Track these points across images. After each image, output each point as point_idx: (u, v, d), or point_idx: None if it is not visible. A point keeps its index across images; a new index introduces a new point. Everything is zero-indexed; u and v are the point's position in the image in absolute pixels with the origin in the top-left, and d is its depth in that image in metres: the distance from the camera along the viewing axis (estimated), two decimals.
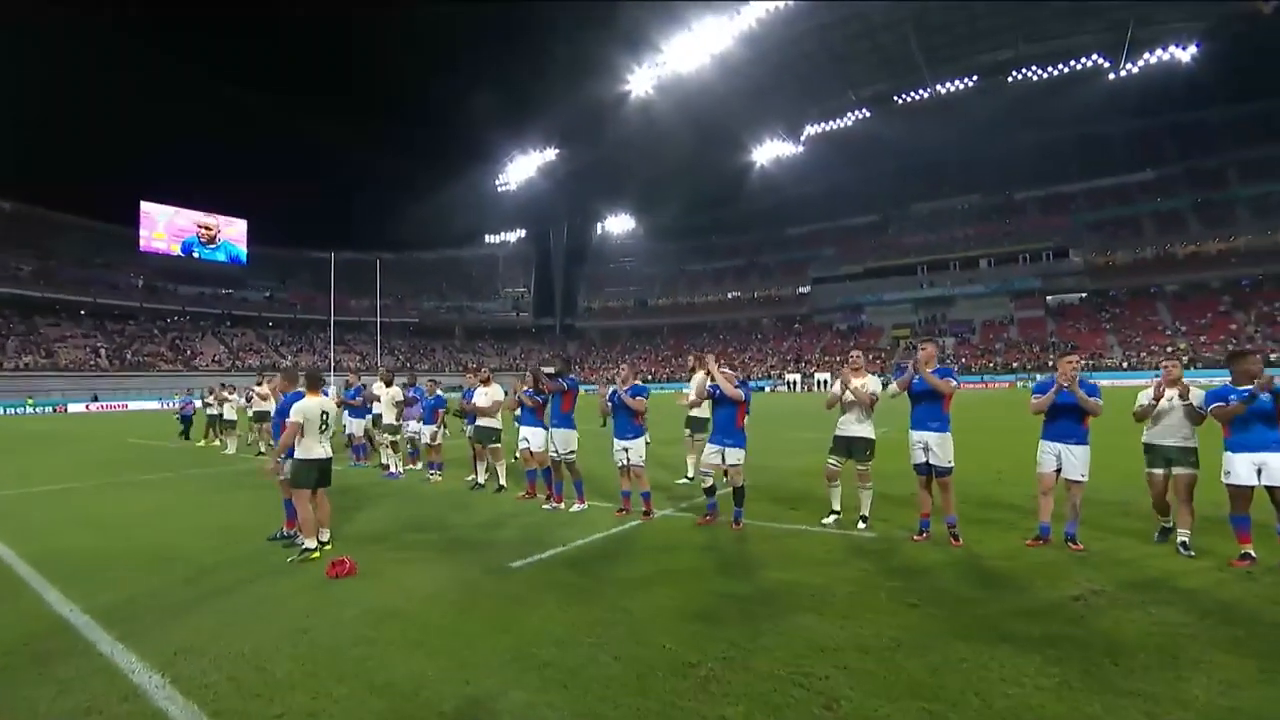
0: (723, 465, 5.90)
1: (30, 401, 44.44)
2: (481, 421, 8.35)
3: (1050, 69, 56.00)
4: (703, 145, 65.42)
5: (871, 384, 5.86)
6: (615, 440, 6.46)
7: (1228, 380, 4.88)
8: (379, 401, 10.37)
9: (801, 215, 77.13)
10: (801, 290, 75.13)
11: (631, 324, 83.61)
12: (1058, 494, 5.18)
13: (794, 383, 59.30)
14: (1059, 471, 5.12)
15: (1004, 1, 46.78)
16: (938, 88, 58.45)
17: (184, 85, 68.22)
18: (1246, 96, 56.41)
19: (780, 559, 5.03)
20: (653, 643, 3.43)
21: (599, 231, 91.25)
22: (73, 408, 46.03)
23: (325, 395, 5.86)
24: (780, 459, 10.87)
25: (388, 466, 9.96)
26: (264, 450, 12.61)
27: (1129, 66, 53.70)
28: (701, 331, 77.57)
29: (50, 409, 44.59)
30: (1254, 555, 4.53)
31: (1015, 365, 52.51)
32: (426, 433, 9.36)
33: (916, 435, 5.39)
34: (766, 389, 56.24)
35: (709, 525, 6.04)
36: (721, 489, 6.23)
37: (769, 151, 70.22)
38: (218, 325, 66.99)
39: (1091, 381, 5.19)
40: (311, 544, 5.32)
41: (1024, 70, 56.62)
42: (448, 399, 10.08)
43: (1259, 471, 4.53)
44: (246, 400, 14.01)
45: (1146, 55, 52.52)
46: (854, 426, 5.82)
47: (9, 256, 55.79)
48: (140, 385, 52.04)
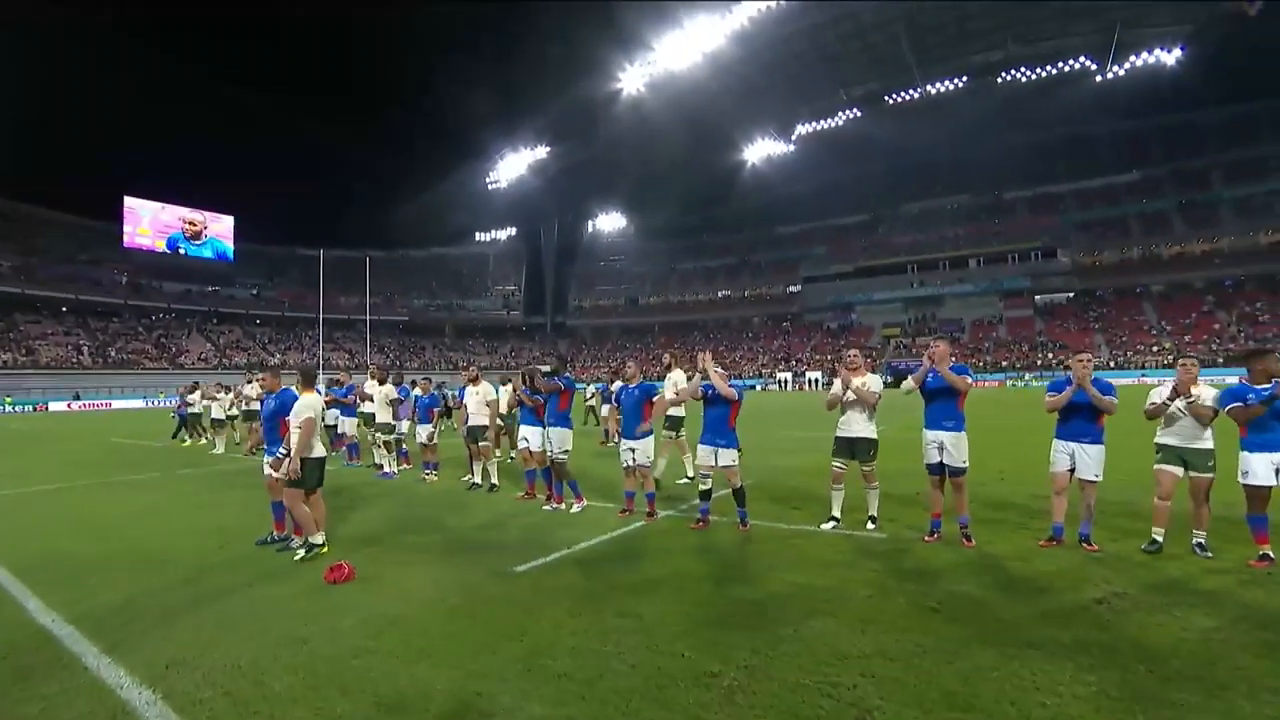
0: (715, 466, 5.78)
1: (9, 400, 43.61)
2: (472, 420, 8.21)
3: (1039, 70, 56.48)
4: (694, 144, 65.47)
5: (873, 383, 5.69)
6: (622, 440, 6.33)
7: (1243, 379, 4.81)
8: (370, 400, 10.14)
9: (792, 214, 77.39)
10: (792, 289, 75.40)
11: (622, 322, 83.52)
12: (1071, 494, 5.10)
13: (785, 381, 59.48)
14: (1073, 471, 5.04)
15: (994, 0, 47.02)
16: (928, 88, 58.79)
17: (171, 82, 67.32)
18: (1230, 99, 57.40)
19: (790, 561, 4.91)
20: (670, 650, 3.30)
21: (590, 229, 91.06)
22: (54, 406, 45.30)
23: (319, 392, 5.74)
24: (778, 458, 10.80)
25: (381, 466, 9.81)
26: (253, 450, 12.34)
27: (1116, 69, 54.32)
28: (692, 330, 77.65)
29: (30, 408, 43.79)
30: (1272, 556, 4.48)
31: (1005, 364, 52.95)
32: (423, 432, 9.18)
33: (931, 435, 5.27)
34: (757, 388, 56.31)
35: (702, 530, 5.88)
36: (718, 491, 6.08)
37: (760, 150, 70.30)
38: (204, 322, 66.08)
39: (1107, 380, 5.11)
40: (319, 539, 5.27)
41: (1013, 71, 57.08)
42: (440, 397, 9.90)
43: (1277, 471, 4.48)
44: (235, 398, 13.74)
45: (1133, 58, 53.15)
46: (856, 427, 5.66)
47: None
48: (124, 384, 51.29)
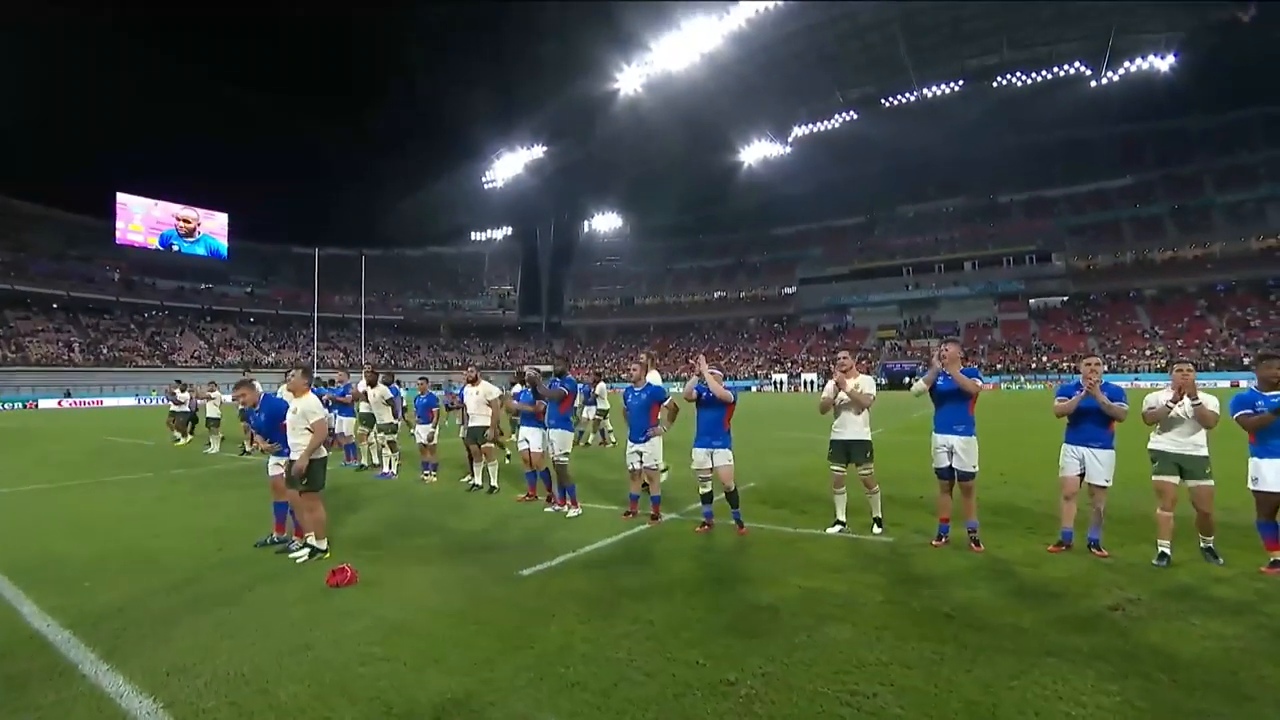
0: (712, 467, 5.74)
1: None
2: (472, 421, 8.13)
3: (1034, 75, 56.68)
4: (691, 144, 65.36)
5: (865, 384, 5.66)
6: (629, 443, 6.27)
7: (1253, 384, 4.78)
8: (366, 400, 10.04)
9: (788, 216, 77.39)
10: (788, 290, 75.41)
11: (618, 322, 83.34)
12: (1080, 499, 5.07)
13: (780, 383, 59.53)
14: (1082, 476, 5.01)
15: (990, 1, 47.17)
16: (924, 91, 58.85)
17: (165, 79, 66.39)
18: (1222, 106, 57.77)
19: (798, 565, 4.86)
20: (684, 658, 3.24)
21: (586, 229, 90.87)
22: (44, 403, 44.82)
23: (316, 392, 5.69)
24: (777, 459, 10.77)
25: (380, 466, 9.72)
26: (249, 450, 12.21)
27: (1110, 75, 54.57)
28: (688, 330, 77.67)
29: (19, 405, 43.30)
30: None
31: (999, 367, 53.14)
32: (422, 432, 9.09)
33: (941, 439, 5.22)
34: (753, 389, 56.33)
35: (707, 533, 5.82)
36: (717, 495, 6.01)
37: (757, 151, 70.26)
38: (197, 320, 65.52)
39: (1116, 385, 5.08)
40: (322, 544, 5.25)
41: (1009, 75, 57.20)
42: (438, 396, 9.82)
43: None
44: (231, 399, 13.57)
45: (1126, 64, 53.36)
46: (850, 429, 5.64)
47: None
48: (115, 381, 50.80)
